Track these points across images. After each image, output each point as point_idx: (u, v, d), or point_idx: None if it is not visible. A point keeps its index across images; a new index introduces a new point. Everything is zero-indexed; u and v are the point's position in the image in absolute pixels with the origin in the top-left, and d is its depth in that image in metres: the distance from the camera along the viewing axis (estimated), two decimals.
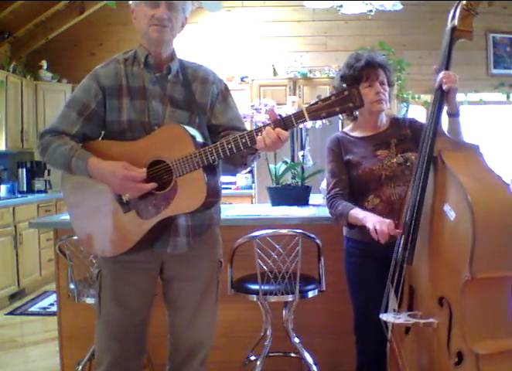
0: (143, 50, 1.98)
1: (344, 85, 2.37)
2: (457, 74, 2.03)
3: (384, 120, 2.43)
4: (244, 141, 1.76)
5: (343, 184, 2.37)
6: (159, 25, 1.89)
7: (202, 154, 1.78)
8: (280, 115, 1.74)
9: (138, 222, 1.89)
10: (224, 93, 2.06)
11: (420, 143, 2.05)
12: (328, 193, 2.40)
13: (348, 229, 2.41)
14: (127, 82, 1.96)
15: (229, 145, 1.77)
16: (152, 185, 1.85)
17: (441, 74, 2.02)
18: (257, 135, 1.75)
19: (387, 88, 2.36)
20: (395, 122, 2.45)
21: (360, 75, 2.32)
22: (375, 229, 2.11)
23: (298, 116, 1.71)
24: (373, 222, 2.14)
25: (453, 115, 2.08)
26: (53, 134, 1.96)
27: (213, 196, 1.86)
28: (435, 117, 2.01)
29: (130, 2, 1.98)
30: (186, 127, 1.86)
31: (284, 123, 1.72)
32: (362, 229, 2.26)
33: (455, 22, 2.01)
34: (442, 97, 2.02)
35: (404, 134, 2.39)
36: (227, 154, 1.78)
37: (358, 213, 2.25)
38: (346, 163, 2.38)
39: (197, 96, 1.99)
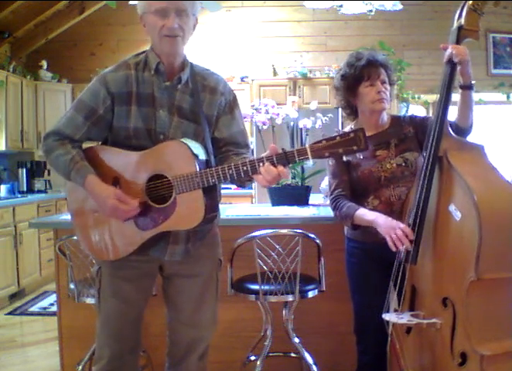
0: (154, 57, 1.95)
1: (343, 82, 2.36)
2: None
3: (385, 118, 2.42)
4: (245, 169, 1.78)
5: (345, 184, 2.36)
6: (171, 35, 1.86)
7: (203, 176, 1.80)
8: (283, 150, 1.75)
9: (135, 231, 1.91)
10: (232, 105, 2.05)
11: (425, 143, 2.05)
12: (331, 194, 2.40)
13: (350, 230, 2.40)
14: (137, 88, 1.94)
15: (230, 171, 1.79)
16: (136, 212, 1.88)
17: (449, 49, 2.02)
18: (258, 166, 1.76)
19: (388, 87, 2.34)
20: (396, 120, 2.43)
21: (361, 74, 2.31)
22: (392, 240, 2.06)
23: (301, 153, 1.72)
24: (387, 231, 2.10)
25: (466, 87, 2.08)
26: (57, 139, 1.96)
27: (212, 212, 1.90)
28: (440, 117, 2.01)
29: (134, 4, 1.96)
30: (190, 144, 1.86)
31: (286, 158, 1.74)
32: (365, 229, 2.26)
33: (462, 21, 2.02)
34: (449, 92, 2.02)
35: (405, 133, 2.37)
36: (227, 179, 1.81)
37: (365, 215, 2.23)
38: (347, 164, 2.37)
39: (205, 106, 1.98)
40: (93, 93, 1.95)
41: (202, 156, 1.87)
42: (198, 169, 1.81)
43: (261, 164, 1.75)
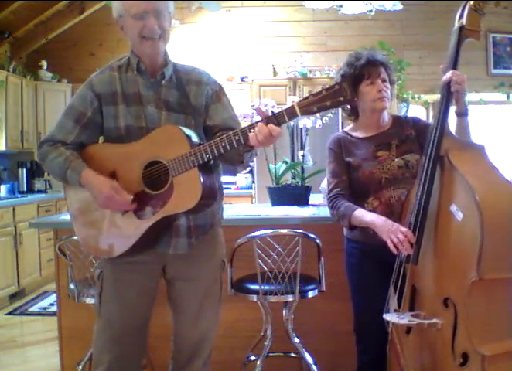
0: (135, 57, 1.99)
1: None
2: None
3: (386, 118, 2.41)
4: (237, 138, 1.77)
5: (344, 184, 2.35)
6: (151, 37, 1.90)
7: (197, 153, 1.80)
8: (272, 112, 1.75)
9: (135, 223, 1.90)
10: (219, 94, 2.06)
11: (426, 142, 2.05)
12: (329, 193, 2.39)
13: (349, 231, 2.40)
14: (121, 88, 1.98)
15: (222, 143, 1.78)
16: (132, 207, 1.89)
17: (449, 73, 2.01)
18: (250, 132, 1.76)
19: (388, 86, 2.34)
20: (398, 121, 2.42)
21: (361, 73, 2.30)
22: (393, 243, 2.05)
23: (290, 112, 1.73)
24: (387, 234, 2.08)
25: (462, 115, 2.08)
26: (51, 144, 2.00)
27: (210, 195, 1.87)
28: (441, 117, 2.01)
29: (113, 11, 1.97)
30: (181, 127, 1.88)
31: (276, 119, 1.74)
32: (364, 230, 2.25)
33: (463, 21, 2.01)
34: (449, 95, 2.02)
35: (406, 134, 2.37)
36: (222, 152, 1.79)
37: (363, 216, 2.22)
38: (347, 165, 2.37)
39: (192, 98, 2.00)
40: (81, 97, 2.01)
41: (195, 138, 1.88)
42: (191, 148, 1.81)
43: (252, 130, 1.75)
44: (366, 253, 2.32)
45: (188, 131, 1.88)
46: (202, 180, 1.81)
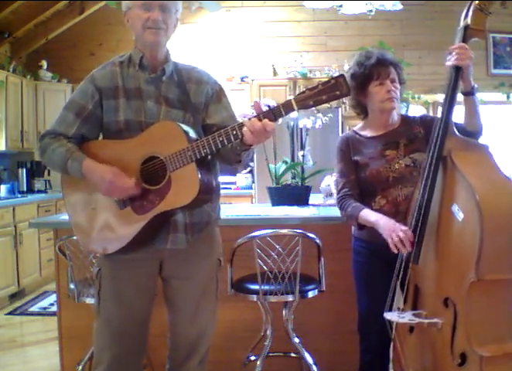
0: (138, 52, 2.01)
1: (353, 81, 2.33)
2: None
3: (395, 117, 2.40)
4: (234, 133, 1.79)
5: (352, 184, 2.36)
6: (154, 27, 1.92)
7: (194, 148, 1.81)
8: (269, 106, 1.77)
9: (133, 218, 1.91)
10: (219, 94, 2.08)
11: (429, 142, 2.04)
12: (338, 193, 2.40)
13: (357, 229, 2.40)
14: (123, 83, 2.00)
15: (220, 138, 1.79)
16: (135, 191, 1.89)
17: (454, 48, 2.00)
18: None
19: (398, 86, 2.33)
20: (406, 120, 2.42)
21: (370, 73, 2.29)
22: (393, 242, 2.06)
23: (287, 106, 1.75)
24: (389, 233, 2.09)
25: (468, 93, 2.07)
26: (52, 136, 2.01)
27: (207, 192, 1.88)
28: (445, 117, 2.00)
29: (122, 5, 2.00)
30: (179, 123, 1.90)
31: (273, 113, 1.75)
32: (372, 229, 2.25)
33: (468, 20, 2.01)
34: (454, 92, 2.01)
35: (415, 132, 2.36)
36: (219, 147, 1.80)
37: (368, 216, 2.23)
38: (355, 163, 2.37)
39: (191, 96, 2.02)
40: (82, 91, 2.02)
41: (192, 134, 1.89)
42: (189, 144, 1.83)
43: None
44: (374, 252, 2.32)
45: (186, 127, 1.89)
46: (199, 175, 1.82)
